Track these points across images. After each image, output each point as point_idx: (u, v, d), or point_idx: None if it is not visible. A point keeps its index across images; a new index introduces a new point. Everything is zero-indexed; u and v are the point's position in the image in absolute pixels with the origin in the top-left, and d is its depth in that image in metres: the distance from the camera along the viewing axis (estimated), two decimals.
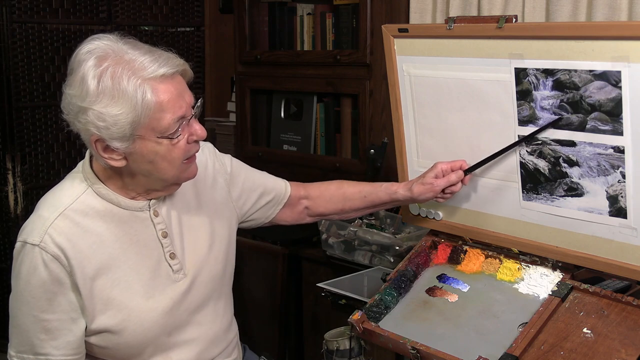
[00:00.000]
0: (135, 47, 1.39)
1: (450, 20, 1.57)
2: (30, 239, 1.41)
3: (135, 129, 1.35)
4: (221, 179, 1.66)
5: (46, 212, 1.44)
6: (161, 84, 1.36)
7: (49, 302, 1.42)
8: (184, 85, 1.42)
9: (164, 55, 1.39)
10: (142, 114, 1.34)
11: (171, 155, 1.40)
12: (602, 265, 1.48)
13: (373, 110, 2.85)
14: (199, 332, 1.57)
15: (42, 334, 1.43)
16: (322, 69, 3.01)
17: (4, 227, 3.14)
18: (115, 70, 1.34)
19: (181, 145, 1.41)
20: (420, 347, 1.49)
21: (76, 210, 1.44)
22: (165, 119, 1.36)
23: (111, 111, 1.34)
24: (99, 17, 3.33)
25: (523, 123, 1.52)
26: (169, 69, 1.37)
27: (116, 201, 1.47)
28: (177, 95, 1.38)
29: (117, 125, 1.35)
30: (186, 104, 1.40)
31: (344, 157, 3.06)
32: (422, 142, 1.74)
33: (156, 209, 1.51)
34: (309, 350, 2.67)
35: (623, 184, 1.40)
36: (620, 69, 1.33)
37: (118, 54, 1.37)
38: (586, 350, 1.36)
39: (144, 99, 1.34)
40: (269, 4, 3.25)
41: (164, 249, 1.51)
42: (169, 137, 1.38)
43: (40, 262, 1.40)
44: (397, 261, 2.16)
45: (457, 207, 1.72)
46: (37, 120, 3.16)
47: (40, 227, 1.41)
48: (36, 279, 1.40)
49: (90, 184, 1.47)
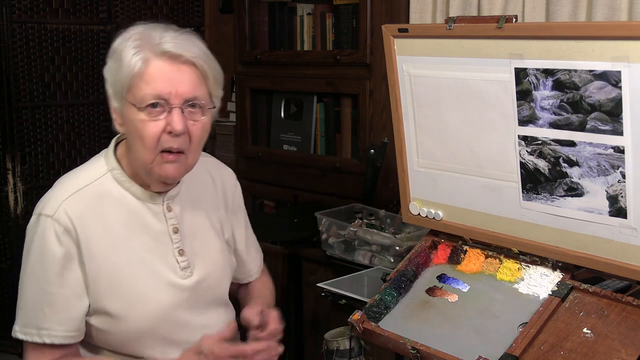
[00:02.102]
0: (168, 27, 1.45)
1: (450, 20, 1.57)
2: (45, 210, 1.44)
3: (124, 90, 1.41)
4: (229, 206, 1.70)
5: (63, 189, 1.48)
6: (159, 59, 1.39)
7: (56, 275, 1.43)
8: (188, 76, 1.41)
9: (184, 40, 1.43)
10: (126, 75, 1.39)
11: (143, 132, 1.40)
12: (602, 265, 1.48)
13: (373, 110, 2.85)
14: (201, 334, 1.57)
15: (47, 308, 1.44)
16: (322, 69, 3.01)
17: (4, 227, 3.14)
18: (131, 35, 1.42)
19: (154, 126, 1.40)
20: (420, 347, 1.49)
21: (92, 191, 1.48)
22: (144, 89, 1.39)
23: (110, 65, 1.44)
24: (99, 17, 3.34)
25: (523, 123, 1.52)
26: (176, 50, 1.39)
27: (132, 189, 1.50)
28: (167, 77, 1.39)
29: (112, 80, 1.43)
30: (175, 91, 1.39)
31: (344, 157, 3.06)
32: (422, 142, 1.74)
33: (170, 204, 1.54)
34: (309, 350, 2.67)
35: (623, 184, 1.40)
36: (620, 69, 1.33)
37: (148, 28, 1.44)
38: (586, 350, 1.36)
39: (132, 62, 1.39)
40: (269, 4, 3.25)
41: (173, 244, 1.53)
42: (139, 109, 1.39)
43: (52, 233, 1.42)
44: (397, 261, 2.16)
45: (457, 207, 1.72)
46: (37, 120, 3.16)
47: (55, 201, 1.45)
48: (46, 250, 1.43)
49: (111, 168, 1.50)
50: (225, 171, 1.73)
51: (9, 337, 1.52)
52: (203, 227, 1.61)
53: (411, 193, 1.80)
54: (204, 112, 1.46)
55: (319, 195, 3.07)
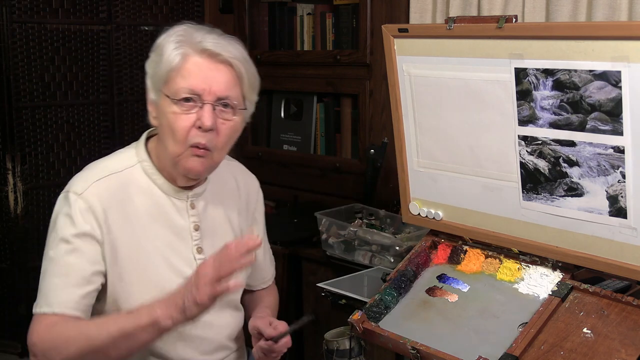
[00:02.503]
0: (212, 30, 1.49)
1: (450, 20, 1.57)
2: (74, 188, 1.47)
3: (161, 83, 1.46)
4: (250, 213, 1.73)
5: (93, 172, 1.51)
6: (198, 56, 1.45)
7: (76, 250, 1.44)
8: (224, 75, 1.46)
9: (226, 41, 1.47)
10: (165, 68, 1.44)
11: (175, 124, 1.44)
12: (602, 265, 1.48)
13: (373, 110, 2.85)
14: (212, 332, 1.59)
15: (61, 278, 1.43)
16: (322, 69, 3.01)
17: (4, 227, 3.14)
18: (175, 32, 1.47)
19: (185, 119, 1.44)
20: (420, 347, 1.49)
21: (121, 178, 1.50)
22: (179, 83, 1.44)
23: (152, 58, 1.49)
24: (99, 17, 3.34)
25: (523, 123, 1.52)
26: (215, 49, 1.44)
27: (159, 182, 1.53)
28: (203, 74, 1.44)
29: (152, 73, 1.48)
30: (209, 88, 1.44)
31: (344, 157, 3.06)
32: (422, 142, 1.74)
33: (194, 201, 1.57)
34: (309, 350, 2.67)
35: (623, 184, 1.40)
36: (620, 69, 1.33)
37: (192, 27, 1.48)
38: (586, 350, 1.36)
39: (171, 57, 1.44)
40: (269, 4, 3.25)
41: (192, 241, 1.55)
42: (173, 101, 1.43)
43: (77, 210, 1.44)
44: (397, 261, 2.16)
45: (457, 207, 1.72)
46: (37, 120, 3.16)
47: (85, 181, 1.48)
48: (71, 223, 1.44)
49: (140, 160, 1.54)
50: (250, 178, 1.76)
51: (9, 337, 1.52)
52: (223, 229, 1.63)
53: (411, 193, 1.80)
54: (235, 112, 1.50)
55: (319, 195, 3.07)
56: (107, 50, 3.38)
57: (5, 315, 3.22)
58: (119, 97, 3.36)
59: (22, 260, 3.03)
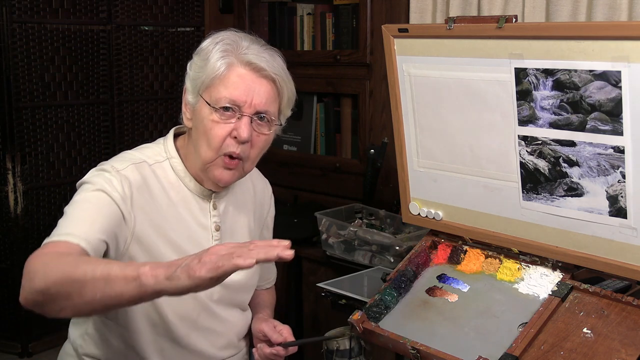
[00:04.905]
0: (255, 40, 1.51)
1: (450, 20, 1.57)
2: (114, 164, 1.47)
3: (202, 88, 1.47)
4: (262, 217, 1.76)
5: (128, 158, 1.52)
6: (242, 67, 1.46)
7: (103, 205, 1.40)
8: (265, 90, 1.47)
9: (269, 55, 1.49)
10: (209, 74, 1.46)
11: (211, 131, 1.46)
12: (602, 265, 1.48)
13: (373, 110, 2.85)
14: (224, 326, 1.61)
15: (80, 213, 1.38)
16: (322, 69, 3.01)
17: (4, 227, 3.14)
18: (222, 39, 1.49)
19: (222, 128, 1.46)
20: (420, 347, 1.49)
21: (153, 170, 1.52)
22: (221, 92, 1.45)
23: (195, 60, 1.51)
24: (99, 17, 3.34)
25: (523, 123, 1.52)
26: (259, 63, 1.46)
27: (186, 180, 1.55)
28: (246, 86, 1.46)
29: (193, 76, 1.49)
30: (249, 101, 1.46)
31: (344, 157, 3.06)
32: (422, 142, 1.74)
33: (216, 202, 1.59)
34: (309, 350, 2.67)
35: (623, 184, 1.40)
36: (620, 69, 1.33)
37: (238, 36, 1.50)
38: (586, 350, 1.36)
39: (217, 65, 1.46)
40: (269, 4, 3.25)
41: (212, 241, 1.57)
42: (213, 109, 1.45)
43: (115, 178, 1.44)
44: (397, 261, 2.16)
45: (457, 207, 1.72)
46: (37, 120, 3.16)
47: (122, 162, 1.49)
48: (107, 184, 1.42)
49: (169, 156, 1.55)
50: (264, 183, 1.79)
51: (9, 337, 1.52)
52: (242, 231, 1.66)
53: (411, 193, 1.80)
54: (271, 127, 1.52)
55: (319, 195, 3.07)
56: (107, 50, 3.38)
57: (5, 315, 3.22)
58: (119, 97, 3.36)
59: (22, 260, 3.02)
